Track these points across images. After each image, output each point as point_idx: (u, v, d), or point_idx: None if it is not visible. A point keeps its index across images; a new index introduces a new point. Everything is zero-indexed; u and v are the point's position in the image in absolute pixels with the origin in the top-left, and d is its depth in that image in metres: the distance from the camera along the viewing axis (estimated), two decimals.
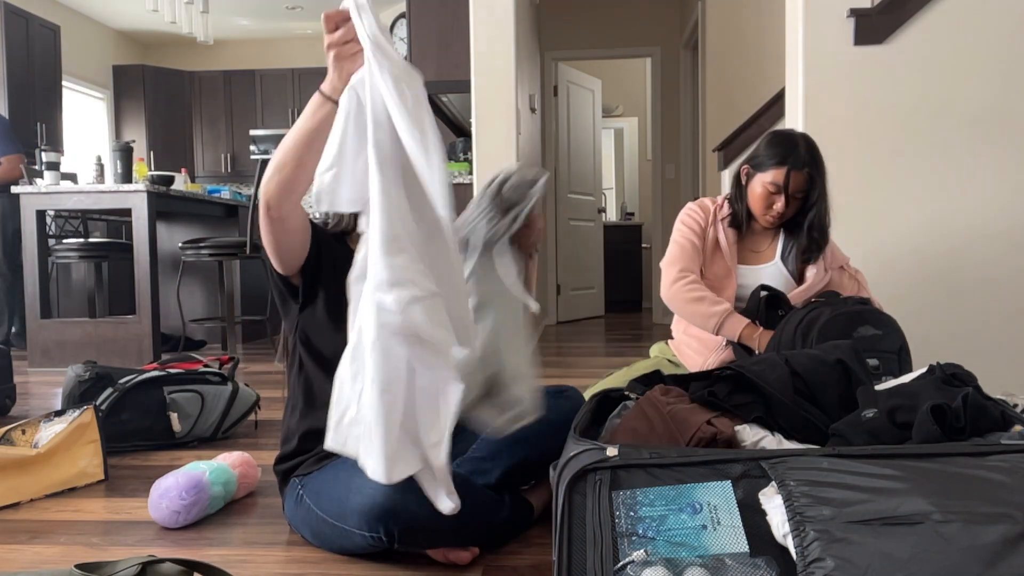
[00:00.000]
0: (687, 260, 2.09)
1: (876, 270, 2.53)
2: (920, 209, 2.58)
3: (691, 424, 1.18)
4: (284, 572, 1.35)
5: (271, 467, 1.56)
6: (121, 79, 7.87)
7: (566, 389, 1.75)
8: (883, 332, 1.75)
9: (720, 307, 1.99)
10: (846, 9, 2.56)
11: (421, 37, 4.20)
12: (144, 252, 3.89)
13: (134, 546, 1.47)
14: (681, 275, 2.07)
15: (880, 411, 1.13)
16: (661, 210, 6.25)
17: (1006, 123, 2.53)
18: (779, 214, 2.03)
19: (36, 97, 6.28)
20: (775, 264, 2.13)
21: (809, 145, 2.00)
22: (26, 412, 2.77)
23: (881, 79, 2.57)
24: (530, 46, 4.91)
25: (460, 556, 1.36)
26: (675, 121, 6.14)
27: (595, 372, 3.31)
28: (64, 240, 4.75)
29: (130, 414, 2.19)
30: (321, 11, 2.36)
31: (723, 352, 2.06)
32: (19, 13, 6.12)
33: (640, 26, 6.19)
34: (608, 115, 8.03)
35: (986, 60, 2.53)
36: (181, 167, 6.65)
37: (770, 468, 0.96)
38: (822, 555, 0.84)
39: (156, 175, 4.21)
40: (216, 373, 2.39)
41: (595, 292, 6.70)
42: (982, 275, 2.56)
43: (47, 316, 4.05)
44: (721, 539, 0.92)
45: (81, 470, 1.87)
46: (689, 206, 2.19)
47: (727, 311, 1.98)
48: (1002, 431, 1.10)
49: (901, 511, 0.85)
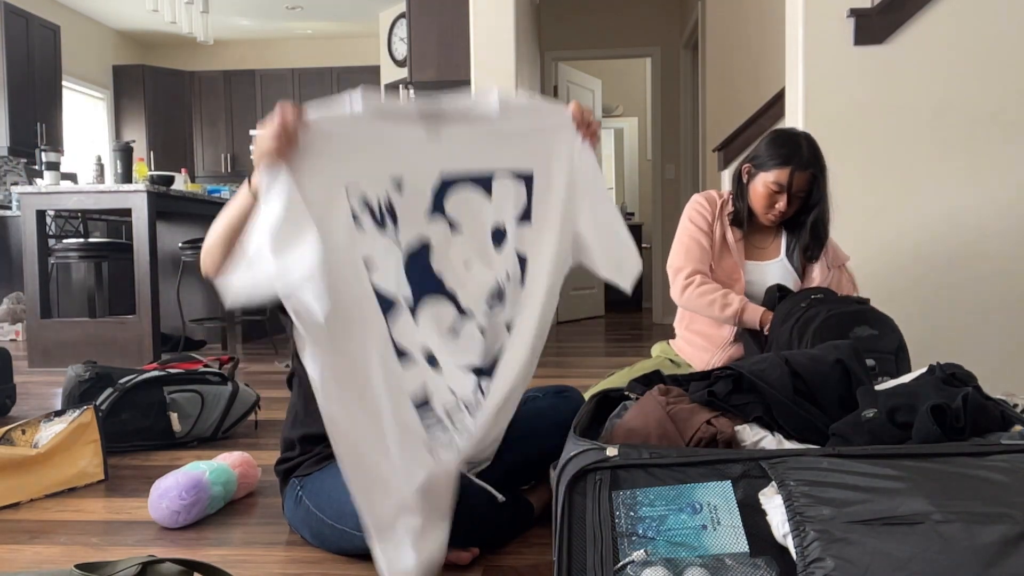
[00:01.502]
0: (694, 261, 2.09)
1: (876, 269, 2.53)
2: (920, 209, 2.58)
3: (691, 424, 1.18)
4: (284, 572, 1.35)
5: (271, 467, 1.56)
6: (121, 79, 7.86)
7: (566, 389, 1.74)
8: (880, 332, 1.75)
9: (732, 308, 1.99)
10: (846, 9, 2.56)
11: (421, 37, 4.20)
12: (144, 252, 3.89)
13: (134, 546, 1.47)
14: (688, 281, 2.07)
15: (880, 411, 1.13)
16: (661, 210, 6.24)
17: (1006, 123, 2.53)
18: (780, 213, 2.03)
19: (36, 97, 6.28)
20: (780, 261, 2.13)
21: (812, 145, 2.00)
22: (26, 412, 2.77)
23: (881, 79, 2.57)
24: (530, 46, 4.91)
25: (460, 556, 1.36)
26: (675, 121, 6.14)
27: (595, 372, 3.30)
28: (64, 240, 4.75)
29: (130, 414, 2.19)
30: (321, 11, 2.35)
31: (731, 348, 2.06)
32: (19, 13, 6.12)
33: (640, 26, 6.19)
34: (608, 115, 8.03)
35: (986, 60, 2.53)
36: (181, 167, 6.65)
37: (770, 468, 0.96)
38: (822, 555, 0.84)
39: (156, 175, 4.21)
40: (216, 373, 2.39)
41: (595, 292, 6.69)
42: (982, 274, 2.56)
43: (47, 316, 4.04)
44: (721, 539, 0.92)
45: (81, 470, 1.87)
46: (696, 199, 2.18)
47: (741, 307, 1.99)
48: (1002, 431, 1.10)
49: (901, 511, 0.85)
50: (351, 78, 8.01)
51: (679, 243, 2.14)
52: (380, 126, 1.18)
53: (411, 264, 1.21)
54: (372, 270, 1.17)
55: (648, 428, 1.20)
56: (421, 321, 1.21)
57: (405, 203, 1.19)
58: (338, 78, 8.05)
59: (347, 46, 8.21)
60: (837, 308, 1.79)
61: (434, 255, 1.23)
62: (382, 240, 1.18)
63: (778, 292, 1.98)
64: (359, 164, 1.17)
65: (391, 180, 1.19)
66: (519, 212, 1.27)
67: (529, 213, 1.27)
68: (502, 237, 1.27)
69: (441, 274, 1.23)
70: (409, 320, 1.20)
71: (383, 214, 1.18)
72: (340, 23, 7.80)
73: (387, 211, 1.18)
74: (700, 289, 2.04)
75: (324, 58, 8.19)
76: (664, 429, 1.19)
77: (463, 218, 1.24)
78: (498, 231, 1.27)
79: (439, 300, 1.23)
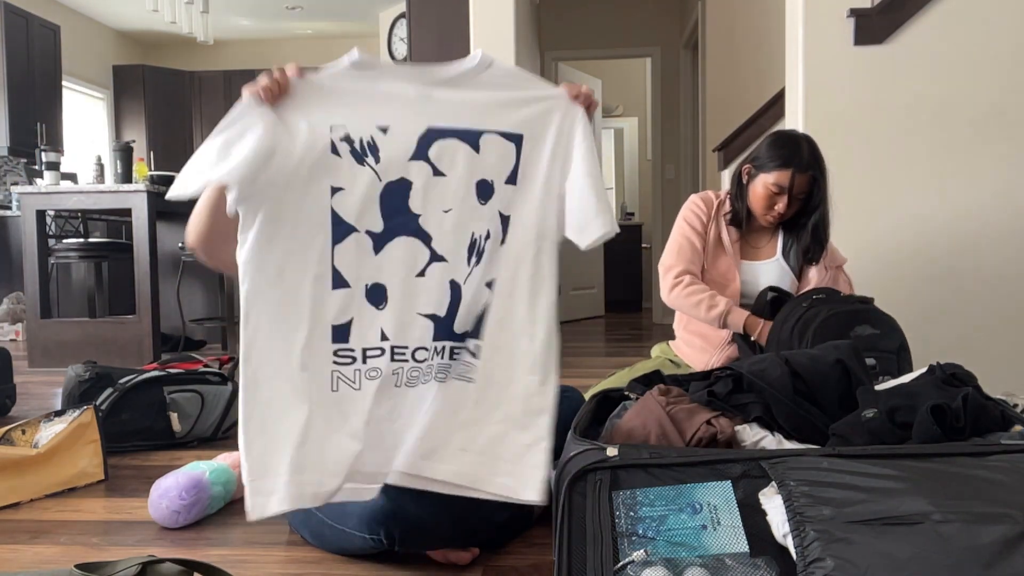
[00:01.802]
0: (684, 261, 2.10)
1: (876, 270, 2.53)
2: (920, 209, 2.58)
3: (691, 424, 1.18)
4: (284, 572, 1.35)
5: None
6: (121, 79, 7.87)
7: (566, 389, 1.74)
8: (881, 331, 1.75)
9: (717, 309, 2.00)
10: (846, 9, 2.56)
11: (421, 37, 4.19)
12: (144, 252, 3.89)
13: (134, 546, 1.47)
14: (677, 280, 2.09)
15: (880, 411, 1.13)
16: (661, 210, 6.24)
17: (1006, 123, 2.53)
18: (780, 214, 2.03)
19: (36, 97, 6.28)
20: (776, 260, 2.13)
21: (812, 147, 2.01)
22: (26, 412, 2.77)
23: (881, 79, 2.57)
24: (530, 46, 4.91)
25: (460, 556, 1.36)
26: (675, 121, 6.14)
27: (595, 372, 3.31)
28: (64, 240, 4.75)
29: (130, 414, 2.19)
30: (321, 11, 2.29)
31: (728, 349, 2.07)
32: (19, 13, 6.12)
33: (640, 26, 6.19)
34: (608, 115, 8.03)
35: (986, 60, 2.53)
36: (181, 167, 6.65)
37: (770, 468, 0.96)
38: (822, 555, 0.84)
39: (156, 175, 4.21)
40: (216, 373, 2.39)
41: (595, 292, 6.70)
42: (982, 275, 2.56)
43: (47, 316, 4.04)
44: (721, 539, 0.92)
45: (81, 470, 1.87)
46: (692, 199, 2.19)
47: (726, 310, 2.00)
48: (1002, 431, 1.10)
49: (901, 511, 0.85)
50: None
51: (672, 242, 2.15)
52: (373, 83, 1.19)
53: (387, 197, 1.20)
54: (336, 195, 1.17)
55: (648, 428, 1.20)
56: (386, 256, 1.20)
57: (388, 144, 1.19)
58: None
59: (347, 46, 8.08)
60: (838, 307, 1.79)
61: (413, 194, 1.21)
62: (359, 170, 1.18)
63: (773, 294, 1.98)
64: (347, 111, 1.18)
65: (377, 127, 1.19)
66: (507, 173, 1.26)
67: (516, 176, 1.26)
68: (489, 191, 1.25)
69: (418, 214, 1.21)
70: (368, 252, 1.19)
71: (364, 149, 1.18)
72: (340, 23, 7.80)
73: (369, 149, 1.19)
74: (688, 289, 2.05)
75: (324, 58, 8.11)
76: (664, 429, 1.19)
77: (446, 166, 1.22)
78: (484, 183, 1.25)
79: (412, 240, 1.21)
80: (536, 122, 1.26)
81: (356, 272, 1.18)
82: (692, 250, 2.10)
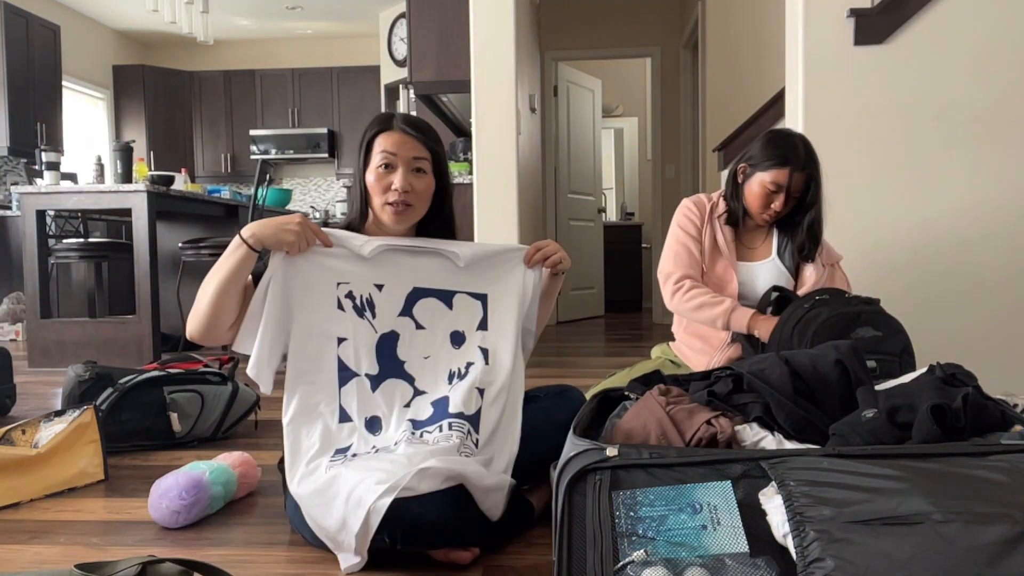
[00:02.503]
0: (683, 267, 2.10)
1: (875, 270, 2.53)
2: (920, 209, 2.58)
3: (691, 424, 1.18)
4: (284, 572, 1.35)
5: (271, 467, 1.56)
6: (121, 79, 7.87)
7: (566, 389, 1.75)
8: (883, 334, 1.75)
9: (721, 307, 2.00)
10: (846, 9, 2.56)
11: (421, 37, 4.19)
12: (144, 252, 3.89)
13: (134, 546, 1.47)
14: (677, 286, 2.09)
15: (880, 411, 1.13)
16: (661, 210, 6.24)
17: (1006, 123, 2.53)
18: (776, 213, 2.04)
19: (36, 97, 6.28)
20: (772, 260, 2.13)
21: (807, 146, 2.02)
22: (26, 412, 2.77)
23: (881, 79, 2.57)
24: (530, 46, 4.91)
25: (460, 556, 1.36)
26: (675, 121, 6.14)
27: (595, 372, 3.30)
28: (64, 240, 4.75)
29: (130, 414, 2.19)
30: (321, 11, 2.28)
31: (729, 350, 2.07)
32: (19, 13, 6.12)
33: (640, 26, 6.19)
34: (608, 115, 8.03)
35: (986, 60, 2.53)
36: (181, 167, 6.65)
37: (770, 468, 0.96)
38: (822, 555, 0.84)
39: (156, 175, 4.20)
40: (216, 373, 2.39)
41: (595, 292, 6.70)
42: (981, 275, 2.56)
43: (47, 316, 4.04)
44: (721, 539, 0.92)
45: (81, 470, 1.87)
46: (684, 204, 2.19)
47: (730, 308, 1.99)
48: (1002, 431, 1.10)
49: (901, 511, 0.85)
50: (351, 78, 8.02)
51: (668, 249, 2.16)
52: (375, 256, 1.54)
53: (382, 346, 1.52)
54: (342, 346, 1.50)
55: (648, 428, 1.20)
56: (380, 393, 1.50)
57: (382, 301, 1.54)
58: (338, 78, 8.06)
59: (347, 46, 8.21)
60: (839, 309, 1.79)
61: (400, 344, 1.54)
62: (360, 323, 1.51)
63: (777, 293, 1.98)
64: (352, 271, 1.53)
65: (374, 285, 1.54)
66: (477, 323, 1.59)
67: (486, 323, 1.60)
68: (461, 339, 1.58)
69: (404, 360, 1.53)
70: (367, 391, 1.49)
71: (364, 305, 1.53)
72: (340, 23, 7.80)
73: (367, 304, 1.53)
74: (689, 293, 2.06)
75: (324, 58, 8.19)
76: (664, 429, 1.19)
77: (426, 321, 1.56)
78: (457, 333, 1.58)
79: (399, 381, 1.52)
80: (500, 281, 1.62)
81: (357, 408, 1.48)
82: (689, 255, 2.11)
